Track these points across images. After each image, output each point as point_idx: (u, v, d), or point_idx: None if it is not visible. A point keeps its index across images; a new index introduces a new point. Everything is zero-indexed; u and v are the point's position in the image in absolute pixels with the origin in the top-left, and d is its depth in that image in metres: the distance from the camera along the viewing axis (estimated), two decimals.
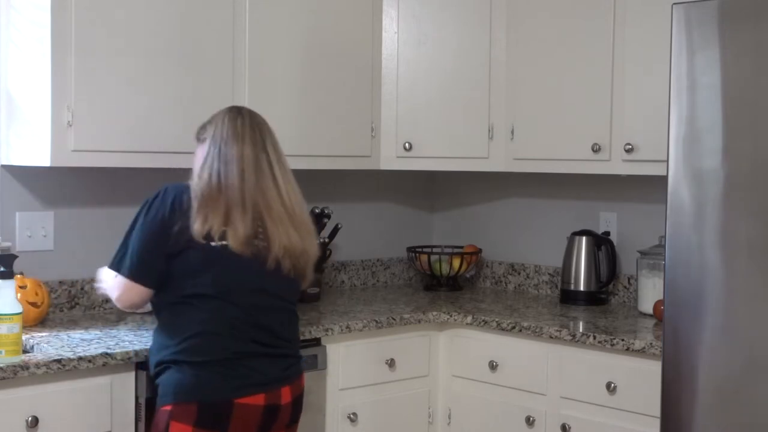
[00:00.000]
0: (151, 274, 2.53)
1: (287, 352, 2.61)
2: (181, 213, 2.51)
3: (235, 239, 2.50)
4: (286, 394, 2.55)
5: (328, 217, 3.65)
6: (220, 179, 2.54)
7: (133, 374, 2.71)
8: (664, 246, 2.73)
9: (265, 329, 2.55)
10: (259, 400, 2.48)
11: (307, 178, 3.36)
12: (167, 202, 2.55)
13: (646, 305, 3.41)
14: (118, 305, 2.64)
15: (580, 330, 3.15)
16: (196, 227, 2.48)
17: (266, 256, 2.54)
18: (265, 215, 2.54)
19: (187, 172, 3.46)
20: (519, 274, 4.09)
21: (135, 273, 2.54)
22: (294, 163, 3.41)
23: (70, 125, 2.89)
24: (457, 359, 3.43)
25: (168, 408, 2.46)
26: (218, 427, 2.44)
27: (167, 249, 2.51)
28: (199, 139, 2.68)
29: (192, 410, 2.42)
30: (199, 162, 2.61)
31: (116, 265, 2.57)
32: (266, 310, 2.57)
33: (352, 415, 3.19)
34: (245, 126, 2.62)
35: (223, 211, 2.51)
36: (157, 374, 2.53)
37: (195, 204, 2.51)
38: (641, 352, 2.93)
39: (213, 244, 2.49)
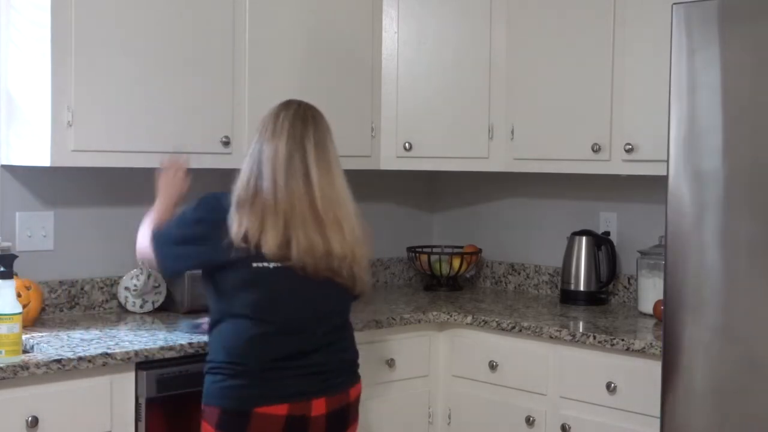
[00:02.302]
0: (177, 259, 2.64)
1: (329, 368, 2.60)
2: (224, 224, 2.53)
3: (267, 246, 2.50)
4: (319, 407, 2.56)
5: None
6: (256, 182, 2.55)
7: (133, 374, 2.71)
8: (664, 246, 2.72)
9: (301, 348, 2.57)
10: (281, 410, 2.51)
11: None
12: (220, 209, 2.56)
13: (646, 305, 3.41)
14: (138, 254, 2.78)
15: (580, 330, 3.15)
16: (234, 230, 2.50)
17: (299, 265, 2.53)
18: (290, 218, 2.52)
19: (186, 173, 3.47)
20: (519, 274, 4.09)
21: (162, 246, 2.65)
22: None
23: (70, 125, 2.89)
24: (457, 359, 3.43)
25: (204, 407, 2.61)
26: None
27: (205, 250, 2.57)
28: (252, 139, 2.68)
29: (215, 413, 2.55)
30: (244, 163, 2.62)
31: (156, 229, 2.68)
32: (303, 328, 2.58)
33: None
34: (286, 120, 2.59)
35: (259, 216, 2.51)
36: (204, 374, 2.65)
37: (233, 208, 2.53)
38: (641, 352, 2.93)
39: (257, 264, 2.52)
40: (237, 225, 2.50)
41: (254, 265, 2.52)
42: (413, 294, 3.93)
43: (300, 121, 2.60)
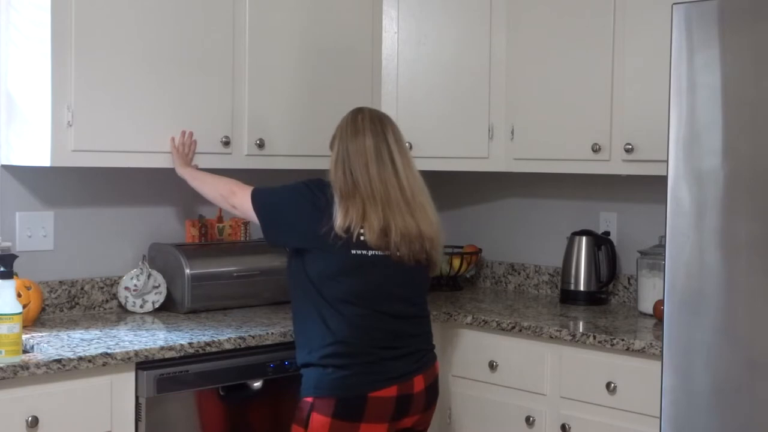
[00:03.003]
0: (281, 231, 2.83)
1: (419, 347, 2.83)
2: (327, 210, 2.74)
3: (370, 233, 2.71)
4: (419, 383, 2.78)
5: None
6: (352, 174, 2.76)
7: (133, 374, 2.71)
8: (664, 246, 2.72)
9: (397, 331, 2.78)
10: (391, 392, 2.72)
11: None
12: (324, 192, 2.78)
13: (646, 305, 3.41)
14: (234, 208, 2.98)
15: (580, 330, 3.15)
16: (339, 221, 2.70)
17: (394, 251, 2.74)
18: (387, 205, 2.74)
19: None
20: (519, 274, 4.09)
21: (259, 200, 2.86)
22: (294, 163, 3.43)
23: (70, 125, 2.89)
24: (457, 359, 3.43)
25: (310, 400, 2.71)
26: (354, 418, 2.68)
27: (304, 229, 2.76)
28: (331, 145, 2.89)
29: (331, 403, 2.68)
30: (332, 163, 2.82)
31: (256, 191, 2.89)
32: (398, 312, 2.78)
33: None
34: (365, 120, 2.84)
35: (360, 206, 2.73)
36: (302, 367, 2.77)
37: (337, 200, 2.74)
38: (641, 352, 2.93)
39: (355, 251, 2.71)
40: (342, 216, 2.71)
41: (353, 252, 2.72)
42: None
43: (377, 119, 2.86)
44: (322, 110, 3.50)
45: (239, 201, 2.93)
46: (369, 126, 2.82)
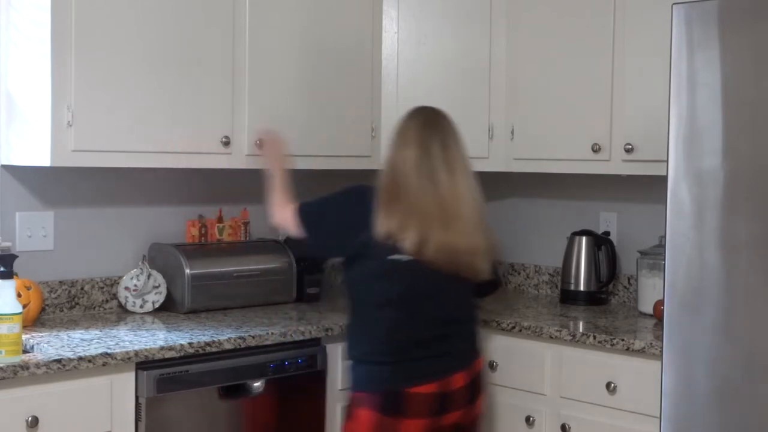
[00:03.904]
0: (322, 241, 2.93)
1: (459, 347, 2.91)
2: (366, 218, 2.82)
3: (408, 241, 2.78)
4: (458, 380, 2.86)
5: None
6: (394, 186, 2.83)
7: (133, 374, 2.71)
8: (664, 246, 2.72)
9: (436, 332, 2.86)
10: (431, 388, 2.81)
11: (307, 178, 3.37)
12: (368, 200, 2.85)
13: (646, 305, 3.41)
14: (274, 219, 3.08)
15: (580, 330, 3.15)
16: (379, 227, 2.79)
17: (434, 261, 2.81)
18: (424, 218, 2.79)
19: (187, 173, 3.47)
20: (519, 274, 4.09)
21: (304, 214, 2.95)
22: (294, 163, 3.43)
23: (70, 125, 2.89)
24: None
25: (359, 394, 2.84)
26: (397, 413, 2.79)
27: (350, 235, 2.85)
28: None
29: (377, 399, 2.79)
30: (382, 167, 2.93)
31: (301, 206, 2.98)
32: (437, 315, 2.87)
33: None
34: (412, 131, 2.87)
35: (400, 217, 2.79)
36: (352, 363, 2.89)
37: (379, 206, 2.82)
38: (641, 352, 2.93)
39: (392, 257, 2.80)
40: (383, 223, 2.79)
41: (391, 258, 2.80)
42: None
43: (427, 128, 2.87)
44: (322, 110, 3.51)
45: (282, 218, 3.03)
46: (415, 137, 2.85)
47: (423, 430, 2.82)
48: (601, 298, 3.69)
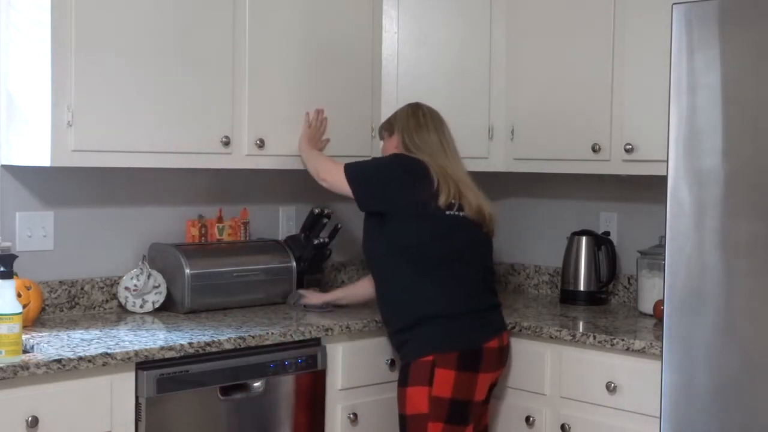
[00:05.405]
0: (372, 194, 3.11)
1: (498, 303, 3.16)
2: (422, 178, 3.06)
3: (456, 202, 3.04)
4: (504, 338, 3.09)
5: (328, 217, 3.65)
6: (421, 159, 3.10)
7: (133, 374, 2.71)
8: (664, 246, 2.73)
9: (488, 287, 3.14)
10: (495, 343, 3.03)
11: (307, 178, 3.37)
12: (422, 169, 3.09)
13: (646, 305, 3.41)
14: (323, 181, 3.25)
15: (580, 330, 3.15)
16: (442, 199, 3.02)
17: (472, 220, 3.08)
18: (459, 185, 3.07)
19: (187, 173, 3.47)
20: (519, 274, 4.09)
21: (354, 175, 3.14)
22: (294, 163, 3.44)
23: (70, 125, 2.89)
24: None
25: (429, 358, 2.93)
26: (474, 369, 2.95)
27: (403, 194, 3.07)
28: (385, 132, 3.27)
29: (453, 357, 2.93)
30: (395, 150, 3.19)
31: (348, 164, 3.17)
32: (486, 271, 3.14)
33: (351, 415, 3.19)
34: (426, 116, 3.20)
35: (440, 178, 3.05)
36: (410, 329, 3.00)
37: (423, 169, 3.06)
38: (641, 352, 2.93)
39: (450, 212, 3.04)
40: (433, 183, 3.02)
41: (448, 213, 3.03)
42: None
43: (436, 116, 3.22)
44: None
45: (330, 175, 3.19)
46: (431, 122, 3.18)
47: (488, 385, 3.02)
48: (601, 298, 3.69)
